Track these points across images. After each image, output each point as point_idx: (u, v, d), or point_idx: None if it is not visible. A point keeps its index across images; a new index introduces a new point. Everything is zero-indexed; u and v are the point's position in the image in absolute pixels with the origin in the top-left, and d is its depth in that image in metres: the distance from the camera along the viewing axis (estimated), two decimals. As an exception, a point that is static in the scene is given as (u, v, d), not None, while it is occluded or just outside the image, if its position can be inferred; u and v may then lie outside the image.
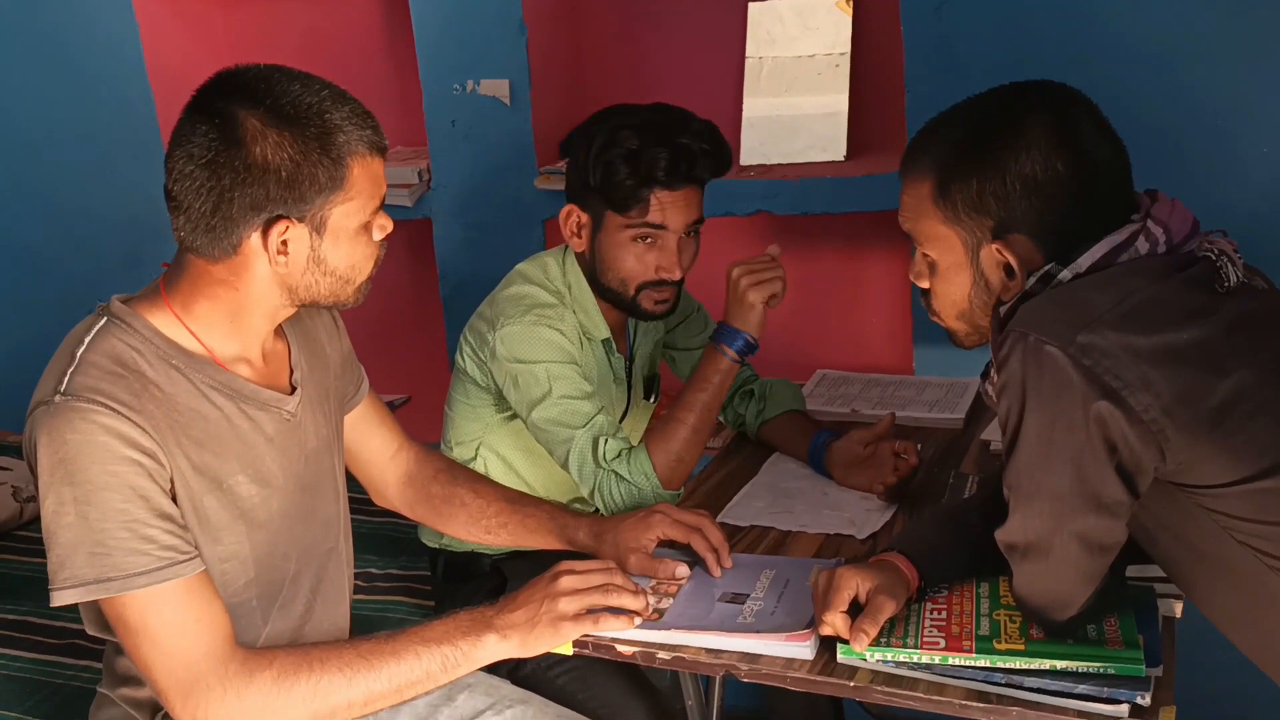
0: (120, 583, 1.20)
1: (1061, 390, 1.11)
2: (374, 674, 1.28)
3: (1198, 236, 1.23)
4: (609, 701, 1.70)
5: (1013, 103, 1.24)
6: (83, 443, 1.19)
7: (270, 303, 1.32)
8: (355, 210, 1.28)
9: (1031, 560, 1.21)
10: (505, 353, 1.71)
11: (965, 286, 1.29)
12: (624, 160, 1.66)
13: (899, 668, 1.24)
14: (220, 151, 1.22)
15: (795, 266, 2.52)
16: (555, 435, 1.70)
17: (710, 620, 1.36)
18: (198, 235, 1.25)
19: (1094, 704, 1.15)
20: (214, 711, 1.23)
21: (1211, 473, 1.13)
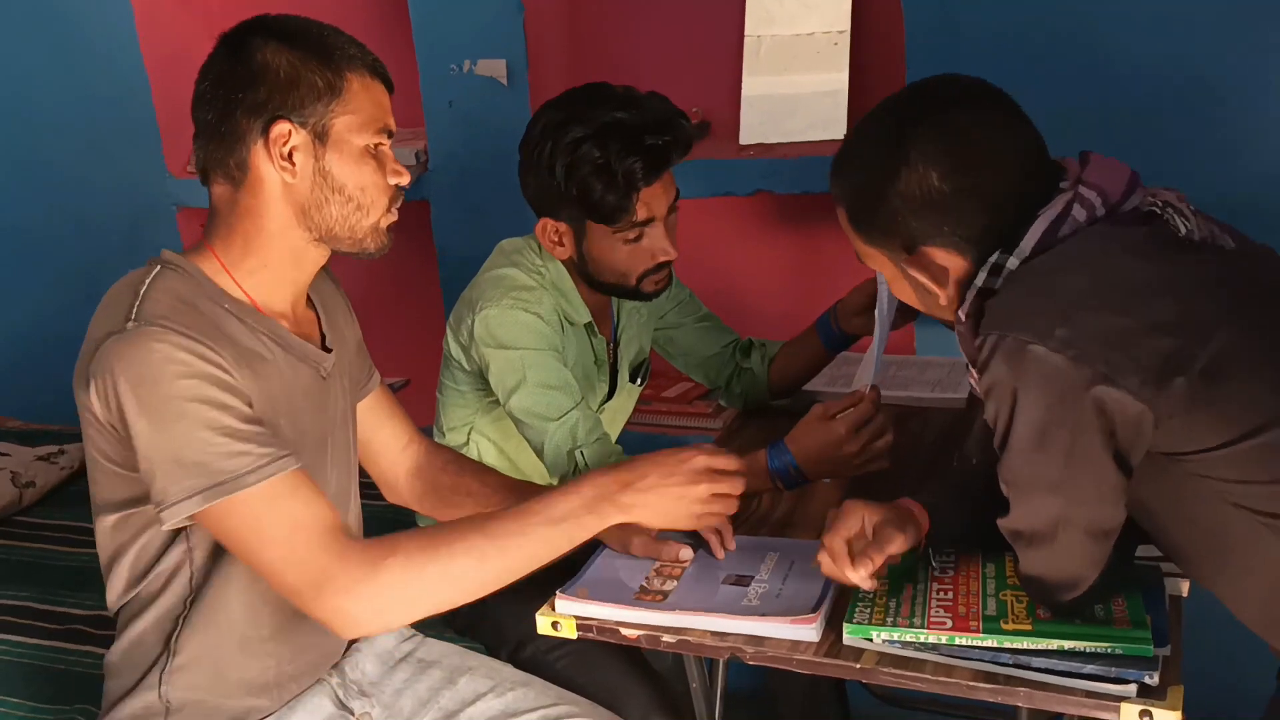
0: (231, 484, 1.22)
1: (1051, 385, 1.10)
2: (502, 554, 1.28)
3: (1139, 191, 1.21)
4: (610, 685, 1.69)
5: (891, 123, 1.24)
6: (165, 360, 1.21)
7: (292, 237, 1.34)
8: (357, 126, 1.32)
9: (1036, 547, 1.21)
10: (484, 336, 1.70)
11: (911, 294, 1.30)
12: (597, 176, 1.62)
13: (905, 648, 1.23)
14: (226, 67, 1.31)
15: (795, 247, 2.52)
16: (531, 425, 1.68)
17: (715, 603, 1.35)
18: (213, 150, 1.31)
19: (1102, 684, 1.15)
20: (348, 602, 1.23)
21: (1201, 437, 1.11)
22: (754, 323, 2.24)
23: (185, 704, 1.38)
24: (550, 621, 1.38)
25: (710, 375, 2.01)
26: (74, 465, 2.60)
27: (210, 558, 1.35)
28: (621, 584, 1.41)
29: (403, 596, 1.25)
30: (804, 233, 2.47)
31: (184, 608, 1.36)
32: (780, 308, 2.49)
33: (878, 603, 1.29)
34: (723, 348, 1.99)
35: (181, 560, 1.34)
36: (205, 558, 1.35)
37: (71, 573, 2.21)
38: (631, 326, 1.90)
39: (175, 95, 2.78)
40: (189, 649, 1.37)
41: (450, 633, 1.83)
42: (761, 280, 2.53)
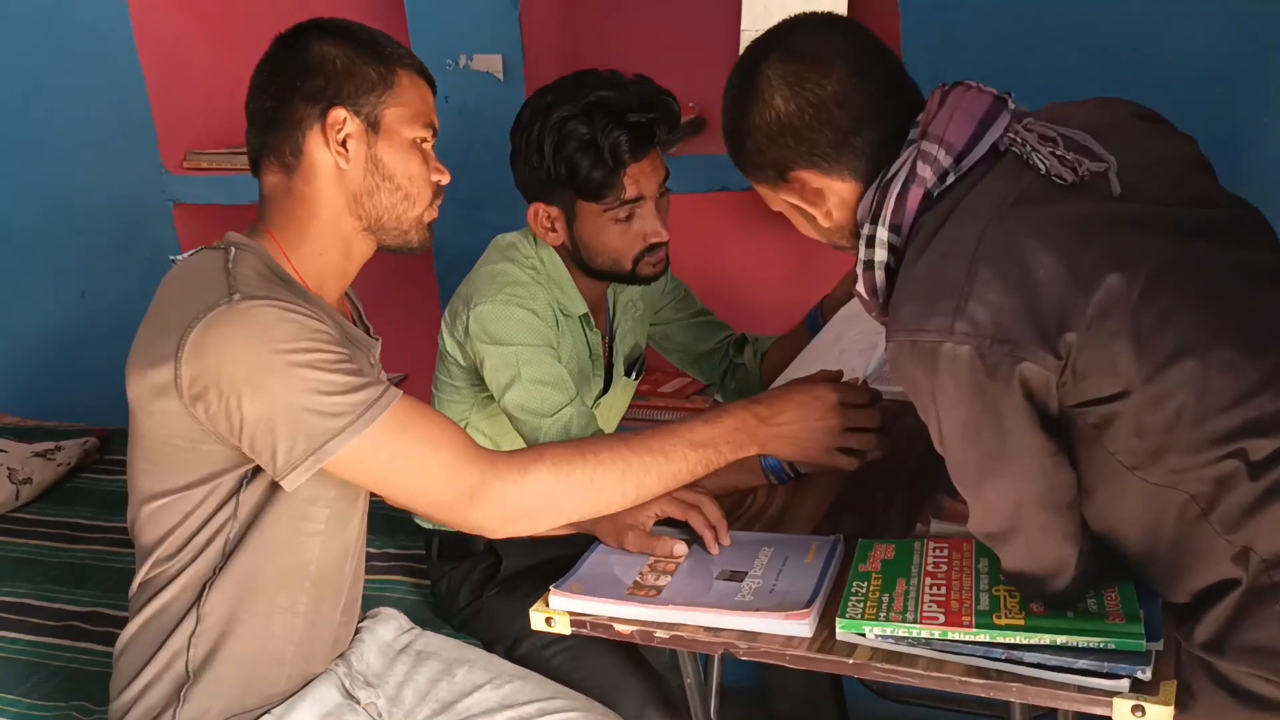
0: (367, 415, 1.26)
1: (965, 378, 1.11)
2: (645, 470, 1.36)
3: (998, 124, 1.20)
4: (605, 681, 1.70)
5: (742, 63, 1.31)
6: (278, 324, 1.25)
7: (344, 225, 1.39)
8: (406, 118, 1.38)
9: (1008, 540, 1.21)
10: (478, 331, 1.70)
11: (803, 224, 1.35)
12: (584, 152, 1.64)
13: (898, 643, 1.23)
14: (284, 59, 1.38)
15: (792, 242, 2.51)
16: (525, 421, 1.69)
17: (708, 598, 1.35)
18: (269, 137, 1.36)
19: (1094, 679, 1.14)
20: (503, 505, 1.31)
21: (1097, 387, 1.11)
22: (752, 318, 2.23)
23: (208, 673, 1.39)
24: (544, 617, 1.38)
25: (705, 371, 2.01)
26: (71, 462, 2.61)
27: (246, 525, 1.36)
28: (615, 579, 1.41)
29: (551, 499, 1.33)
30: (799, 228, 2.47)
31: (213, 574, 1.37)
32: (778, 302, 2.49)
33: (871, 598, 1.29)
34: (718, 343, 1.99)
35: (219, 529, 1.36)
36: (242, 526, 1.36)
37: (68, 569, 2.21)
38: (627, 320, 1.90)
39: (171, 91, 2.78)
40: (217, 615, 1.38)
41: (447, 628, 1.84)
42: (759, 275, 2.52)
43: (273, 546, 1.38)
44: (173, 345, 1.27)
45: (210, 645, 1.38)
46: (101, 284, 2.97)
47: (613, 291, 1.87)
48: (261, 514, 1.36)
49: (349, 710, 1.48)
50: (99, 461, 2.70)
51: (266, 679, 1.43)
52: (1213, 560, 1.13)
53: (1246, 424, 1.08)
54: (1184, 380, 1.08)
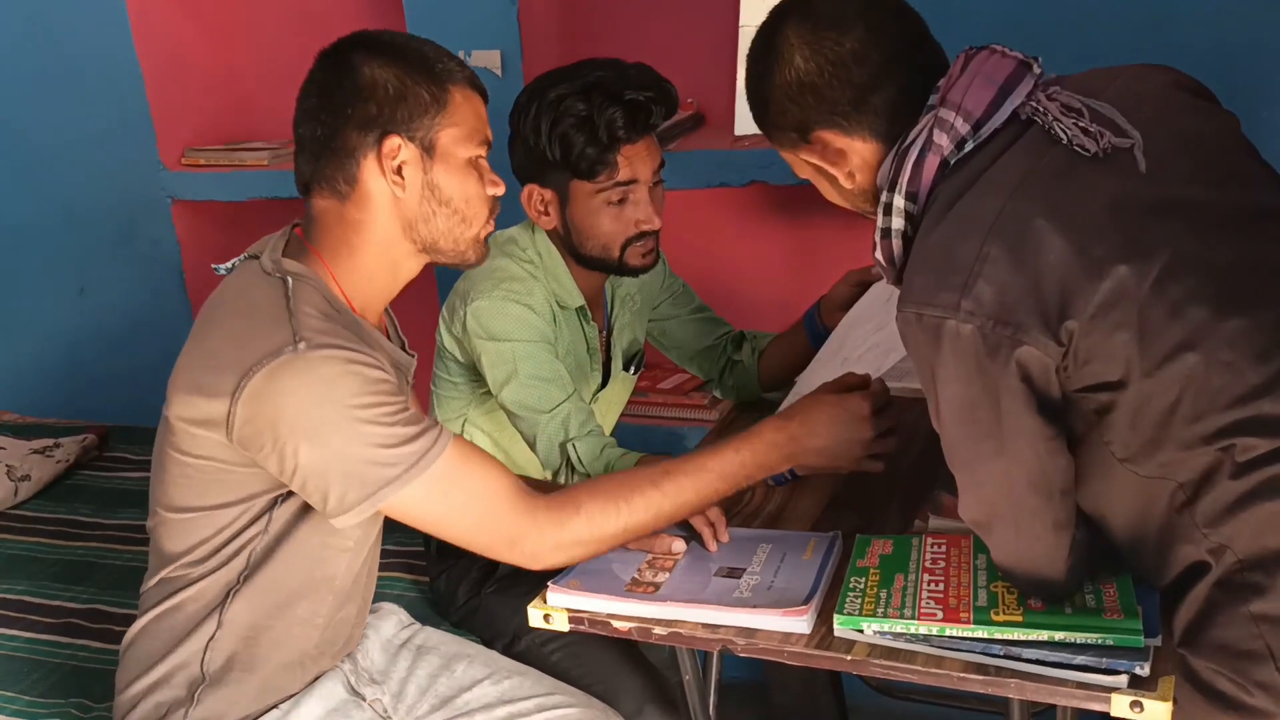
0: (420, 464, 1.27)
1: (966, 357, 1.11)
2: (676, 509, 1.39)
3: (1016, 94, 1.19)
4: (604, 677, 1.70)
5: (764, 28, 1.31)
6: (344, 377, 1.24)
7: (396, 250, 1.37)
8: (461, 138, 1.35)
9: (998, 528, 1.21)
10: (475, 328, 1.70)
11: (828, 189, 1.35)
12: (579, 129, 1.64)
13: (896, 639, 1.23)
14: (332, 81, 1.33)
15: (791, 237, 2.52)
16: (523, 418, 1.69)
17: (706, 594, 1.35)
18: (322, 166, 1.33)
19: (1092, 674, 1.14)
20: (541, 552, 1.35)
21: (1095, 374, 1.10)
22: (749, 314, 2.23)
23: (224, 677, 1.39)
24: (542, 614, 1.38)
25: (704, 368, 2.01)
26: (69, 459, 2.60)
27: (277, 538, 1.36)
28: (613, 575, 1.40)
29: (585, 547, 1.37)
30: (800, 224, 2.46)
31: (238, 582, 1.37)
32: (776, 299, 2.49)
33: (869, 594, 1.29)
34: (716, 340, 1.98)
35: (249, 541, 1.36)
36: (272, 539, 1.36)
37: (67, 566, 2.21)
38: (625, 314, 1.90)
39: (169, 87, 2.78)
40: (239, 622, 1.38)
41: (446, 625, 1.84)
42: (757, 271, 2.52)
43: (301, 560, 1.38)
44: (229, 384, 1.26)
45: (229, 652, 1.39)
46: (100, 281, 2.97)
47: (610, 285, 1.86)
48: (293, 529, 1.36)
49: (355, 707, 1.48)
50: (98, 459, 2.69)
51: (281, 684, 1.44)
52: (1188, 546, 1.13)
53: (1240, 423, 1.07)
54: (1183, 377, 1.08)
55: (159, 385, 1.29)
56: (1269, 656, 1.07)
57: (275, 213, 2.89)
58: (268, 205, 2.78)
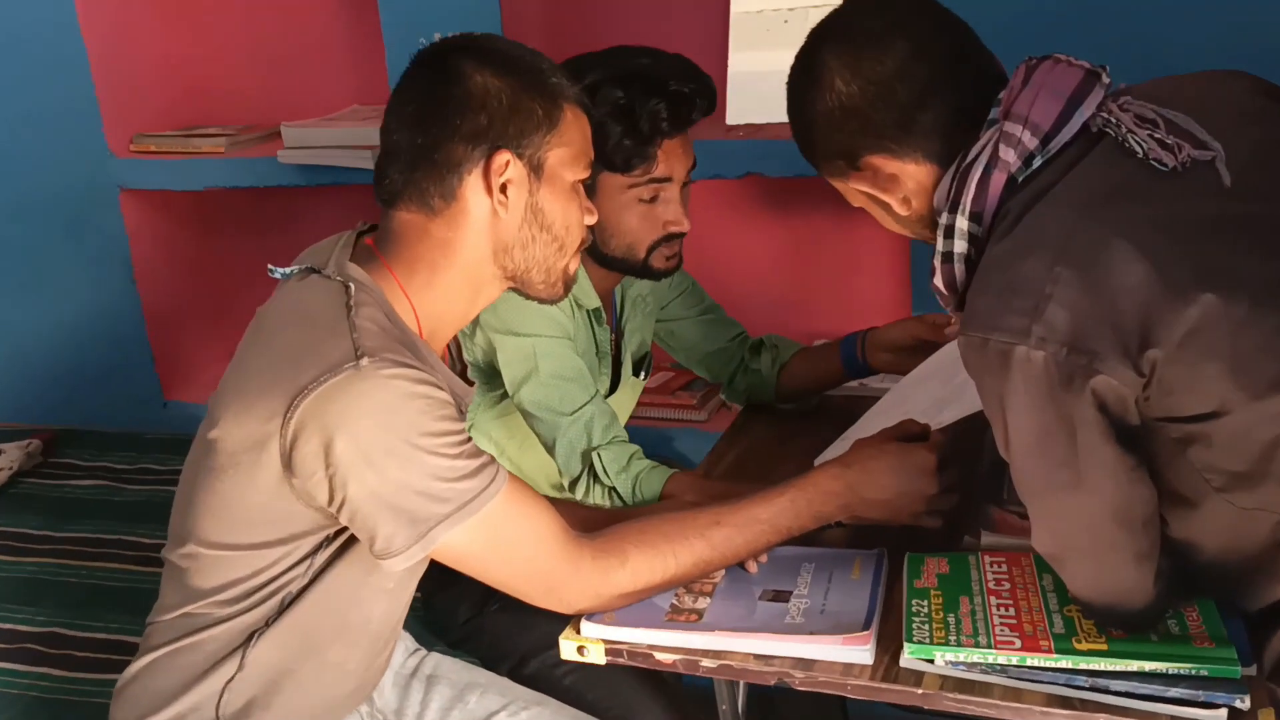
0: (473, 504, 1.17)
1: (1039, 386, 1.03)
2: (723, 561, 1.31)
3: (1090, 100, 1.11)
4: (621, 701, 1.60)
5: (803, 52, 1.24)
6: (408, 399, 1.13)
7: (482, 274, 1.27)
8: (569, 160, 1.26)
9: (1076, 560, 1.13)
10: (491, 320, 1.59)
11: (884, 217, 1.28)
12: (617, 119, 1.53)
13: (971, 670, 1.14)
14: (439, 87, 1.22)
15: (788, 231, 2.43)
16: (542, 420, 1.58)
17: (755, 621, 1.26)
18: (418, 178, 1.22)
19: (1188, 708, 1.07)
20: (579, 603, 1.26)
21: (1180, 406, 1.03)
22: (742, 309, 2.12)
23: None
24: (576, 646, 1.28)
25: (713, 370, 1.91)
26: (13, 466, 2.44)
27: (313, 579, 1.24)
28: (651, 603, 1.30)
29: (627, 598, 1.28)
30: (796, 217, 2.38)
31: (265, 625, 1.25)
32: (770, 294, 2.41)
33: (935, 619, 1.20)
34: (728, 342, 1.89)
35: (286, 584, 1.23)
36: (308, 581, 1.24)
37: (18, 585, 2.05)
38: (636, 316, 1.79)
39: (116, 69, 2.61)
40: (263, 665, 1.26)
41: (441, 645, 1.72)
42: (751, 265, 2.43)
43: (336, 601, 1.26)
44: (282, 402, 1.13)
45: (249, 696, 1.26)
46: (48, 271, 2.79)
47: (621, 286, 1.76)
48: (330, 568, 1.24)
49: None
50: (44, 465, 2.52)
51: None
52: None
53: None
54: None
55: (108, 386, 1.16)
56: None
57: (236, 203, 2.75)
58: (227, 195, 2.63)
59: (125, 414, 2.72)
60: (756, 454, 1.74)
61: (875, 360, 1.75)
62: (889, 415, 1.48)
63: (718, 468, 1.70)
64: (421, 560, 1.22)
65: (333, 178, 2.41)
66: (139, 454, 2.53)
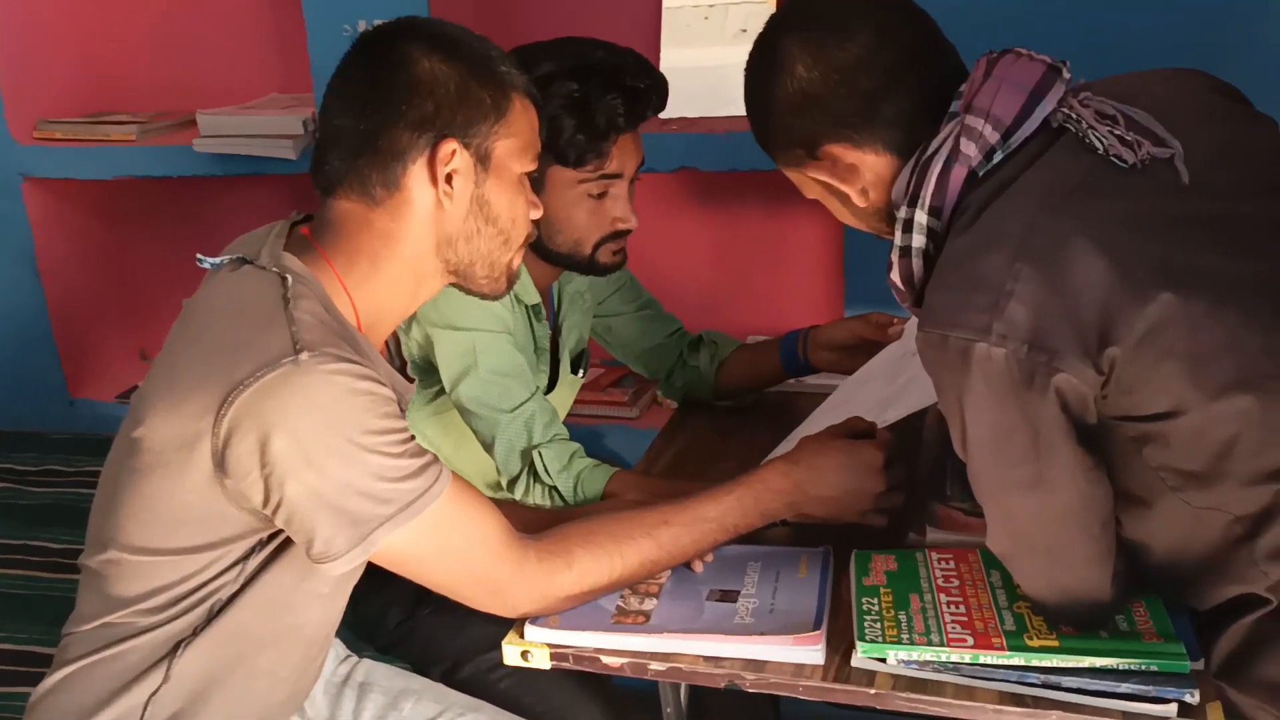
0: (416, 505, 1.12)
1: (999, 383, 1.02)
2: (671, 560, 1.29)
3: (1047, 100, 1.10)
4: (559, 705, 1.56)
5: (762, 39, 1.22)
6: (349, 395, 1.09)
7: (424, 267, 1.22)
8: (517, 151, 1.22)
9: (1031, 561, 1.13)
10: (429, 314, 1.53)
11: (840, 209, 1.26)
12: (571, 112, 1.49)
13: (924, 669, 1.13)
14: (385, 71, 1.17)
15: (721, 226, 2.41)
16: (480, 416, 1.54)
17: (704, 622, 1.23)
18: (360, 165, 1.17)
19: (1139, 704, 1.07)
20: (523, 605, 1.23)
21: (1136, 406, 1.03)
22: (675, 304, 2.10)
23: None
24: (519, 650, 1.24)
25: (651, 367, 1.88)
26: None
27: (245, 583, 1.18)
28: (596, 605, 1.27)
29: (572, 600, 1.25)
30: (730, 212, 2.36)
31: (193, 633, 1.18)
32: (703, 289, 2.39)
33: (887, 617, 1.19)
34: (666, 338, 1.86)
35: (216, 590, 1.17)
36: (239, 585, 1.18)
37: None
38: (574, 312, 1.75)
39: (19, 51, 2.49)
40: (191, 676, 1.19)
41: (370, 651, 1.67)
42: (682, 260, 2.40)
43: (269, 607, 1.20)
44: (215, 397, 1.07)
45: (175, 709, 1.19)
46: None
47: (559, 282, 1.72)
48: (264, 569, 1.18)
49: None
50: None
51: None
52: (1245, 582, 1.06)
53: None
54: (1243, 411, 1.00)
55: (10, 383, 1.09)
56: None
57: (148, 193, 2.64)
58: (138, 185, 2.53)
59: (29, 413, 2.60)
60: (695, 451, 1.71)
61: (817, 359, 1.74)
62: (834, 415, 1.47)
63: (656, 465, 1.67)
64: (360, 564, 1.17)
65: (251, 167, 2.33)
66: (44, 454, 2.42)
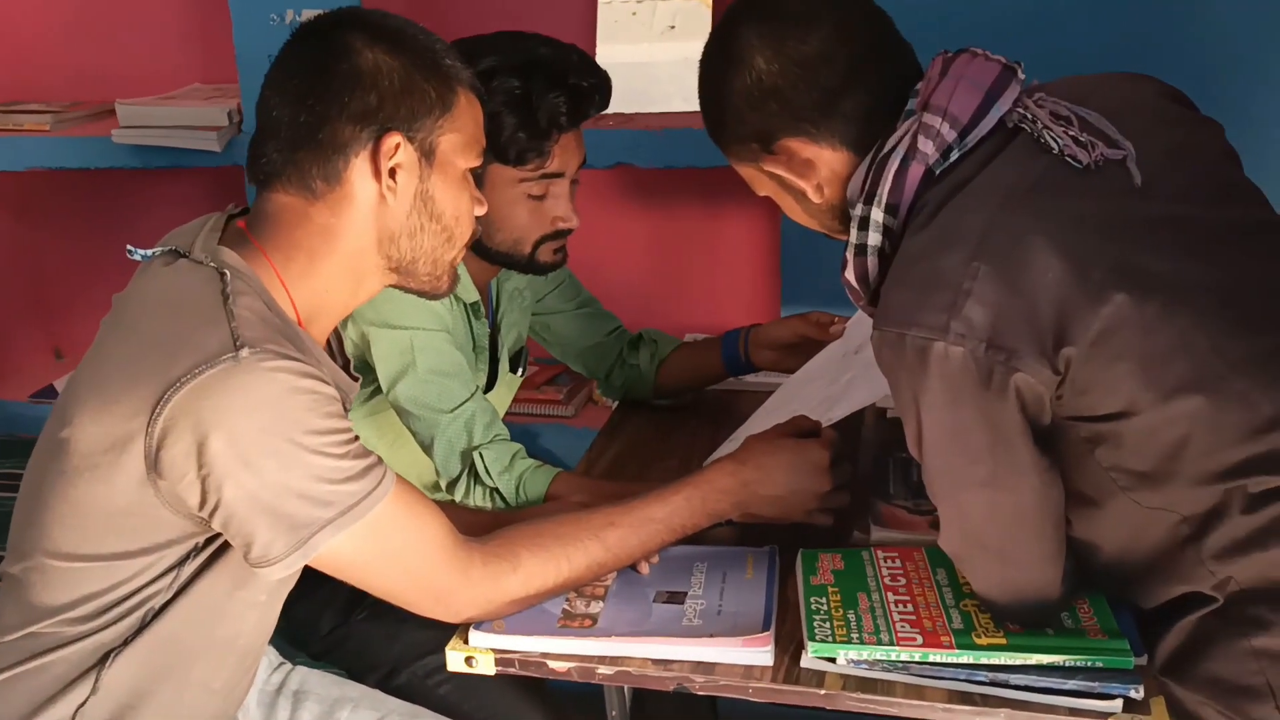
0: (359, 508, 1.09)
1: (956, 381, 1.02)
2: (617, 562, 1.28)
3: (1003, 100, 1.11)
4: (500, 710, 1.53)
5: (721, 31, 1.21)
6: (291, 393, 1.05)
7: (365, 264, 1.18)
8: (461, 146, 1.19)
9: (983, 560, 1.13)
10: (367, 313, 1.49)
11: (793, 206, 1.25)
12: (513, 110, 1.47)
13: (874, 668, 1.13)
14: (327, 61, 1.13)
15: (657, 223, 2.40)
16: (419, 417, 1.50)
17: (652, 625, 1.22)
18: (299, 158, 1.14)
19: (1085, 700, 1.08)
20: (469, 611, 1.20)
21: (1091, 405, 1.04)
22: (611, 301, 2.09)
23: None
24: (463, 656, 1.21)
25: (590, 366, 1.86)
26: None
27: (177, 592, 1.14)
28: (541, 609, 1.24)
29: (517, 605, 1.23)
30: (666, 209, 2.35)
31: (122, 644, 1.13)
32: (638, 286, 2.38)
33: (836, 616, 1.18)
34: (605, 337, 1.84)
35: (148, 598, 1.12)
36: (172, 594, 1.13)
37: None
38: (513, 310, 1.73)
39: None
40: (120, 688, 1.14)
41: (303, 658, 1.62)
42: (618, 257, 2.39)
43: (203, 615, 1.15)
44: (149, 396, 1.02)
45: None
46: None
47: (497, 280, 1.69)
48: (198, 578, 1.14)
49: None
50: None
51: None
52: (1191, 581, 1.08)
53: (1254, 460, 1.02)
54: (1194, 412, 1.01)
55: None
56: (1269, 693, 1.03)
57: (63, 186, 2.55)
58: (52, 177, 2.44)
59: (-64, 414, 2.50)
60: (636, 451, 1.70)
61: (758, 358, 1.73)
62: (777, 414, 1.46)
63: (597, 465, 1.65)
64: (298, 569, 1.13)
65: (172, 160, 2.26)
66: (-47, 457, 2.33)
